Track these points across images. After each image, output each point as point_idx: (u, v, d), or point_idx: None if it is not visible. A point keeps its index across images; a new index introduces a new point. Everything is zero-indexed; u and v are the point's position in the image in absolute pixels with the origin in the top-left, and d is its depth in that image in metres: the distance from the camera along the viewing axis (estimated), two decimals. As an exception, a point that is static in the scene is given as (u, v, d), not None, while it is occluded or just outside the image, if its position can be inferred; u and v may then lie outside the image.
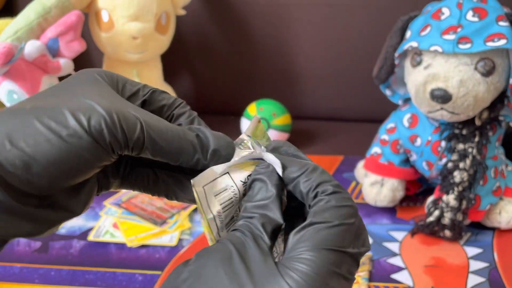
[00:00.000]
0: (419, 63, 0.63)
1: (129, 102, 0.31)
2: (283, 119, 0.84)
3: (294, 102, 0.95)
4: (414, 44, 0.62)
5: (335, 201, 0.29)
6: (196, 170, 0.32)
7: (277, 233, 0.30)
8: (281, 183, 0.31)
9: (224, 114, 0.97)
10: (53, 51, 0.76)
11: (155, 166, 0.34)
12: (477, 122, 0.64)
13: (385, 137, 0.71)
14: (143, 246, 0.66)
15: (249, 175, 0.32)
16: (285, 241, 0.32)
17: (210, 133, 0.32)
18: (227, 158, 0.32)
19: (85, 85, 0.31)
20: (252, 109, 0.84)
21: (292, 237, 0.28)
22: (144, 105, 0.33)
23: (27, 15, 0.76)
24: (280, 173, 0.31)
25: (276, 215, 0.30)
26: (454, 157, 0.64)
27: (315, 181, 0.30)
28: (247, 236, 0.29)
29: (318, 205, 0.29)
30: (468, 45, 0.59)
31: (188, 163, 0.31)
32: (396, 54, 0.65)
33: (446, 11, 0.61)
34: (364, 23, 0.90)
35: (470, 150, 0.63)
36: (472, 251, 0.64)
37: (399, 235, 0.67)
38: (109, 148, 0.29)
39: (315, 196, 0.30)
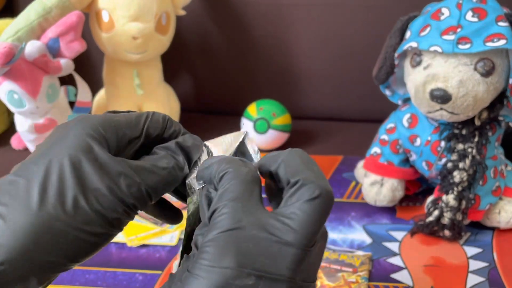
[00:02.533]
0: (418, 63, 0.63)
1: (122, 165, 0.33)
2: (283, 119, 0.84)
3: (294, 102, 0.95)
4: (414, 44, 0.62)
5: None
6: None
7: None
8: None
9: (224, 114, 0.97)
10: (54, 51, 0.76)
11: None
12: (477, 122, 0.64)
13: (384, 137, 0.72)
14: (143, 246, 0.66)
15: None
16: None
17: (189, 147, 0.37)
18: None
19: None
20: (252, 109, 0.84)
21: (285, 197, 0.31)
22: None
23: (27, 15, 0.76)
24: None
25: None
26: (454, 157, 0.64)
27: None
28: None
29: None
30: (467, 45, 0.59)
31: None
32: (396, 55, 0.65)
33: (445, 12, 0.61)
34: (364, 23, 0.90)
35: (469, 150, 0.63)
36: (471, 250, 0.64)
37: (399, 234, 0.67)
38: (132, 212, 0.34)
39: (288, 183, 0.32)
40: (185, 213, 0.38)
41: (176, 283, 0.29)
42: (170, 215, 0.40)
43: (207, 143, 0.38)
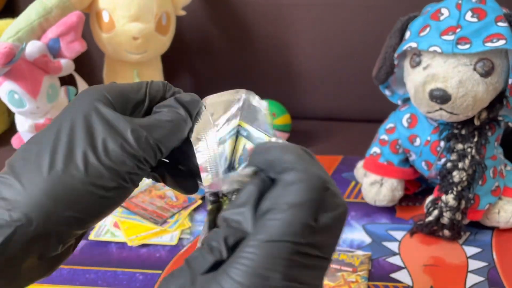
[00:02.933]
0: (418, 63, 0.63)
1: (131, 121, 0.34)
2: (283, 119, 0.84)
3: (294, 102, 0.95)
4: (414, 44, 0.62)
5: (285, 180, 0.28)
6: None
7: None
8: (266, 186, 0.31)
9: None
10: (54, 51, 0.77)
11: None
12: (476, 122, 0.64)
13: (384, 137, 0.72)
14: (143, 245, 0.66)
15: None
16: None
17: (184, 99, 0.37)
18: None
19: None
20: (252, 109, 0.85)
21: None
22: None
23: (28, 16, 0.76)
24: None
25: (244, 225, 0.28)
26: (453, 157, 0.64)
27: (270, 158, 0.29)
28: (205, 253, 0.28)
29: (270, 191, 0.28)
30: (467, 46, 0.59)
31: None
32: (396, 55, 0.65)
33: (445, 12, 0.61)
34: (364, 23, 0.90)
35: (469, 150, 0.64)
36: (471, 250, 0.64)
37: (399, 234, 0.67)
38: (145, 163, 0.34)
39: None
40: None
41: (204, 279, 0.27)
42: (186, 185, 0.39)
43: (204, 100, 0.38)
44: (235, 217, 0.28)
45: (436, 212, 0.64)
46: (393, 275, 0.61)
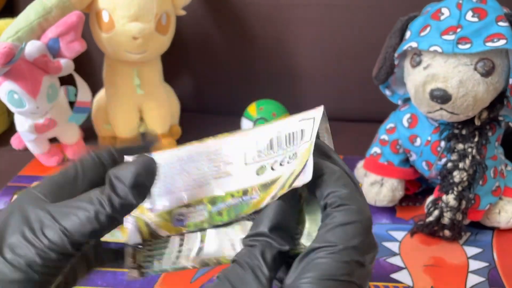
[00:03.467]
0: (418, 63, 0.63)
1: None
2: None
3: (294, 102, 0.95)
4: (414, 44, 0.62)
5: (341, 217, 0.28)
6: None
7: (284, 256, 0.29)
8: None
9: (224, 114, 0.97)
10: (54, 51, 0.76)
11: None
12: (477, 122, 0.64)
13: (384, 137, 0.72)
14: (143, 246, 0.66)
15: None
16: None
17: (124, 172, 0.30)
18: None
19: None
20: (252, 109, 0.84)
21: (295, 266, 0.28)
22: None
23: (27, 15, 0.76)
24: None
25: (279, 241, 0.29)
26: (454, 157, 0.64)
27: (327, 189, 0.29)
28: (245, 270, 0.28)
29: (324, 223, 0.28)
30: (467, 46, 0.59)
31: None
32: (396, 55, 0.65)
33: (445, 12, 0.61)
34: (364, 23, 0.90)
35: (469, 150, 0.63)
36: (471, 250, 0.64)
37: (399, 234, 0.67)
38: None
39: (325, 208, 0.29)
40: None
41: None
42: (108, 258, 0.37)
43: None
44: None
45: (436, 212, 0.64)
46: (394, 276, 0.61)
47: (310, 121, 0.31)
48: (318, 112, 0.32)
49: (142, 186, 0.30)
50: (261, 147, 0.33)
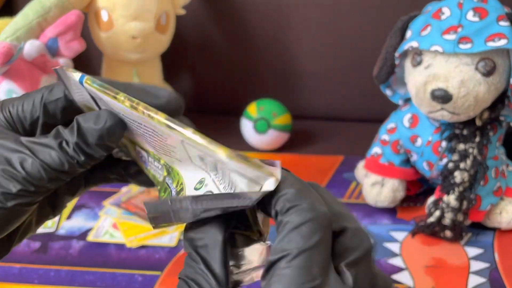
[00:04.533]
0: (419, 63, 0.63)
1: None
2: (283, 118, 0.84)
3: (294, 102, 0.95)
4: (415, 44, 0.62)
5: (293, 220, 0.26)
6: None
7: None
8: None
9: (224, 114, 0.97)
10: (53, 50, 0.76)
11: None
12: (478, 122, 0.63)
13: (385, 137, 0.71)
14: (142, 247, 0.65)
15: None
16: None
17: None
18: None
19: None
20: (252, 109, 0.84)
21: (262, 286, 0.26)
22: None
23: (26, 15, 0.76)
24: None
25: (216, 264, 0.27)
26: (455, 157, 0.64)
27: (273, 196, 0.26)
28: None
29: (278, 232, 0.26)
30: (468, 45, 0.59)
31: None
32: (396, 54, 0.65)
33: (446, 11, 0.61)
34: (364, 23, 0.89)
35: (470, 150, 0.63)
36: (472, 251, 0.64)
37: (400, 235, 0.67)
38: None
39: (276, 216, 0.27)
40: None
41: None
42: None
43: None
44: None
45: (437, 213, 0.64)
46: (395, 276, 0.60)
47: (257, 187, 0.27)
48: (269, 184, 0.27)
49: (109, 143, 0.32)
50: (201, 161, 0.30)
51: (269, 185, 0.26)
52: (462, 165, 0.63)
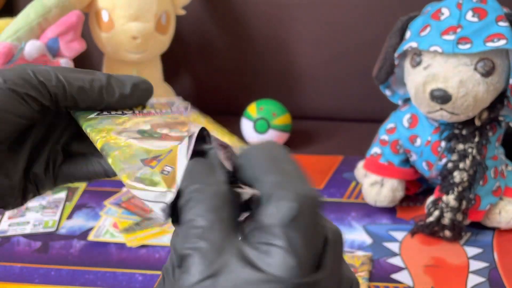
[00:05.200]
0: (418, 63, 0.63)
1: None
2: (283, 119, 0.84)
3: (294, 102, 0.95)
4: (414, 44, 0.62)
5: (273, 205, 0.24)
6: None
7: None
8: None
9: (224, 114, 0.97)
10: (53, 51, 0.76)
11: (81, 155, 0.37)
12: (477, 123, 0.64)
13: (385, 137, 0.71)
14: (143, 246, 0.66)
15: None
16: None
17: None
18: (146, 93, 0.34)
19: None
20: (252, 109, 0.84)
21: None
22: None
23: (27, 15, 0.76)
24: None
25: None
26: (454, 157, 0.64)
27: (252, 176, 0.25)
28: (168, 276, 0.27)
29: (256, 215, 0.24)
30: (467, 46, 0.59)
31: (113, 99, 0.33)
32: (396, 55, 0.65)
33: (445, 11, 0.61)
34: (364, 23, 0.90)
35: (470, 150, 0.63)
36: (472, 251, 0.64)
37: (399, 235, 0.67)
38: (27, 98, 0.31)
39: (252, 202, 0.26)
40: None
41: None
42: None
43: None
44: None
45: (437, 213, 0.64)
46: (394, 276, 0.61)
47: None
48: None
49: (139, 90, 0.34)
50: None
51: (168, 198, 0.26)
52: (461, 165, 0.63)
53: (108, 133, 0.31)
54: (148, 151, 0.28)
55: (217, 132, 0.29)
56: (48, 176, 0.36)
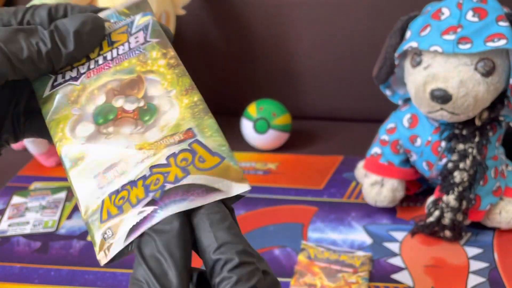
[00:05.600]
0: (419, 63, 0.63)
1: None
2: (283, 119, 0.84)
3: (294, 102, 0.95)
4: (414, 44, 0.62)
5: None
6: None
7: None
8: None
9: (224, 114, 0.97)
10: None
11: None
12: (477, 122, 0.63)
13: (385, 137, 0.71)
14: (143, 246, 0.66)
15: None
16: None
17: (69, 18, 0.31)
18: (96, 36, 0.32)
19: None
20: (252, 109, 0.84)
21: None
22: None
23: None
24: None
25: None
26: (454, 157, 0.64)
27: (220, 238, 0.26)
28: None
29: None
30: (468, 45, 0.59)
31: (61, 63, 0.31)
32: (396, 55, 0.65)
33: (446, 11, 0.61)
34: (364, 23, 0.90)
35: (470, 150, 0.63)
36: (472, 251, 0.64)
37: (399, 235, 0.67)
38: None
39: (219, 268, 0.26)
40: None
41: None
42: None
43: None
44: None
45: (437, 213, 0.64)
46: (394, 276, 0.61)
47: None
48: None
49: (85, 36, 0.31)
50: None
51: (101, 262, 0.29)
52: (461, 165, 0.63)
53: (63, 131, 0.31)
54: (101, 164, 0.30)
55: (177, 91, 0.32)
56: (15, 137, 0.36)
